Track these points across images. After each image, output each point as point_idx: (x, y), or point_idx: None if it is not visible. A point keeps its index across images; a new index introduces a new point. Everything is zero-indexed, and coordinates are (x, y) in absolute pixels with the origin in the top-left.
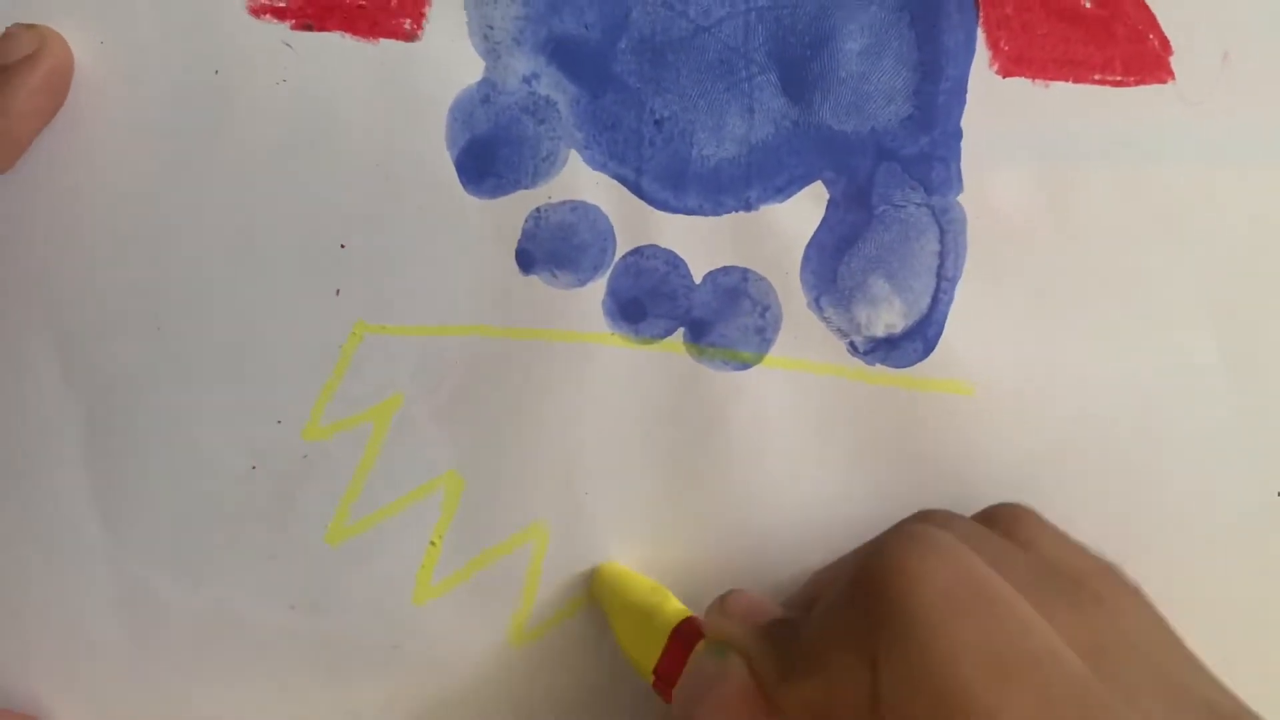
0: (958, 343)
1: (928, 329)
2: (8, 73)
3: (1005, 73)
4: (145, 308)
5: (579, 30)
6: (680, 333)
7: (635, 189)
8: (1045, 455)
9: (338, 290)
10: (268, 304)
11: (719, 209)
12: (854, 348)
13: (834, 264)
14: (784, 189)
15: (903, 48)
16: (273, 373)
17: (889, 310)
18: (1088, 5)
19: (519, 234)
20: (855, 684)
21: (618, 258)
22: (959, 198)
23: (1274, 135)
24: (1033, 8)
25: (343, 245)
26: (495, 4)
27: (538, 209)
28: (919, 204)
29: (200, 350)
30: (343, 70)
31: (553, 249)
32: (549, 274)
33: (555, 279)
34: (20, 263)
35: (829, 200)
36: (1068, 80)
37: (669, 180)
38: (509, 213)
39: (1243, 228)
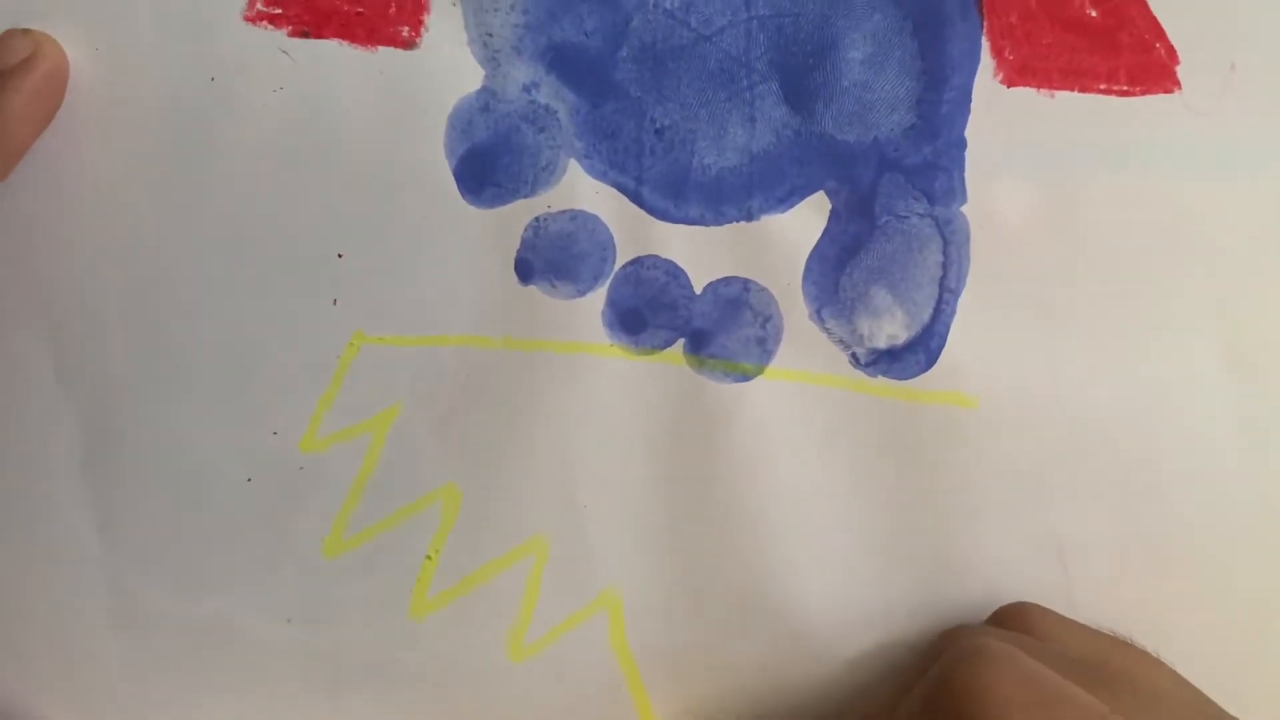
0: (961, 354)
1: (930, 341)
2: (2, 78)
3: (1010, 82)
4: (141, 317)
5: (579, 38)
6: (680, 344)
7: (635, 198)
8: (1048, 467)
9: (335, 300)
10: (264, 314)
11: (720, 219)
12: (856, 359)
13: (836, 275)
14: (786, 199)
15: (906, 57)
16: (269, 383)
17: (891, 321)
18: (1093, 14)
19: (518, 243)
20: None
21: (618, 268)
22: (962, 208)
23: None
24: (1037, 17)
25: (340, 254)
26: (495, 11)
27: (537, 218)
28: (922, 215)
29: (196, 361)
30: (340, 78)
31: (552, 259)
32: (548, 284)
33: (554, 289)
34: (15, 271)
35: (831, 210)
36: (1073, 90)
37: (669, 190)
38: (508, 222)
39: (1250, 239)
